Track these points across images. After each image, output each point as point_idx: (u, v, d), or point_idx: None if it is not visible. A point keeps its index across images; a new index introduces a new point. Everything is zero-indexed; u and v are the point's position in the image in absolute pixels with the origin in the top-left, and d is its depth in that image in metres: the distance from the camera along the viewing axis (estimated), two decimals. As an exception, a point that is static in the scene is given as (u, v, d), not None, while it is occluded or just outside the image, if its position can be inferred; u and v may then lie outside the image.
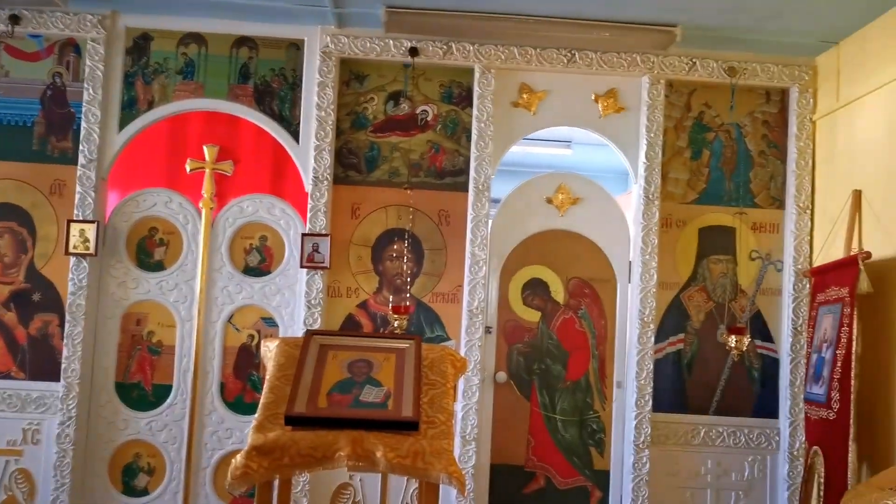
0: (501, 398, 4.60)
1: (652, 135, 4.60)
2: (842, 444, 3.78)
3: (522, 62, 4.59)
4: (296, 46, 4.60)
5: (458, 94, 4.66)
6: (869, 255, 3.89)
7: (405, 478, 4.23)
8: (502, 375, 4.60)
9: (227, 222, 4.60)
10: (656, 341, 4.58)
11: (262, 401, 2.72)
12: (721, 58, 4.62)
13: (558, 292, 4.69)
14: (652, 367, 4.54)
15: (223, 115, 4.66)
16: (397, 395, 2.75)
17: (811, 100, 4.64)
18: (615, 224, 4.73)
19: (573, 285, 4.70)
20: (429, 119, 4.65)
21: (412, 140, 4.64)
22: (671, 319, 4.65)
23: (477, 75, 4.59)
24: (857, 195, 4.19)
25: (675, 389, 4.62)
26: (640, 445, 4.48)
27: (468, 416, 4.46)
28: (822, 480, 3.94)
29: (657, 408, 4.55)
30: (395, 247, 4.59)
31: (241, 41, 4.59)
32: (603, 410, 4.64)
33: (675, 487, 4.54)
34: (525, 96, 4.64)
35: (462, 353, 4.45)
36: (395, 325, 4.32)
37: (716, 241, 4.69)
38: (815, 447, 4.09)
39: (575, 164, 6.79)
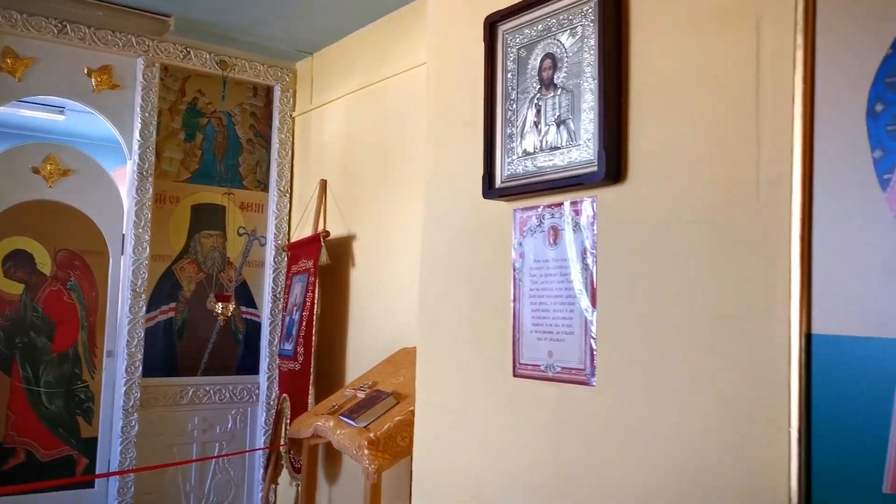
0: (-23, 375, 4.38)
1: (146, 114, 4.80)
2: (304, 389, 4.54)
3: (7, 26, 4.38)
4: None
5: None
6: (328, 233, 4.71)
7: None
8: (-24, 351, 4.38)
9: None
10: (148, 311, 4.83)
11: None
12: (214, 51, 5.04)
13: (45, 264, 4.61)
14: (143, 335, 4.77)
15: None
16: None
17: (291, 99, 5.36)
18: (108, 197, 4.81)
19: (62, 257, 4.67)
20: None
21: None
22: (163, 290, 4.94)
23: (-46, 32, 4.26)
24: (324, 184, 5.00)
25: (166, 355, 4.93)
26: (129, 410, 4.69)
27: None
28: (288, 421, 4.67)
29: (148, 373, 4.79)
30: None
31: None
32: (92, 380, 4.73)
33: (164, 445, 4.85)
34: (9, 61, 4.44)
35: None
36: None
37: (207, 218, 5.12)
38: (284, 394, 4.80)
39: (68, 129, 6.59)
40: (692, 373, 1.56)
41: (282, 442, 4.66)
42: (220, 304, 4.99)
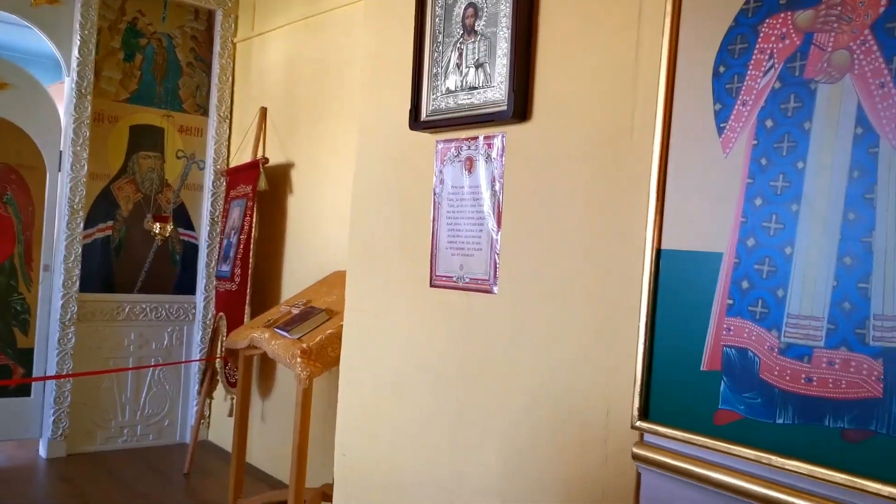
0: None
1: (86, 32, 4.83)
2: (240, 308, 4.78)
3: (-56, -66, 4.36)
4: None
5: None
6: (267, 160, 4.90)
7: None
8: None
9: None
10: (85, 227, 4.95)
11: None
12: (156, -28, 5.07)
13: (-18, 177, 4.68)
14: (80, 251, 4.91)
15: None
16: None
17: (233, 24, 5.44)
18: (46, 114, 4.87)
19: (-1, 171, 4.74)
20: None
21: None
22: (100, 207, 5.06)
23: None
24: (264, 111, 5.16)
25: (102, 271, 5.08)
26: (66, 323, 4.86)
27: None
28: (224, 338, 4.91)
29: (85, 288, 4.96)
30: None
31: None
32: (28, 293, 4.87)
33: (100, 359, 5.05)
34: (-54, -29, 4.43)
35: None
36: None
37: (146, 139, 5.23)
38: (220, 313, 5.04)
39: (2, 42, 6.50)
40: (573, 280, 1.89)
41: (218, 356, 4.91)
42: (157, 224, 5.15)
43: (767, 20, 1.45)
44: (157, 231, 5.13)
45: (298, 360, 3.34)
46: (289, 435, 3.75)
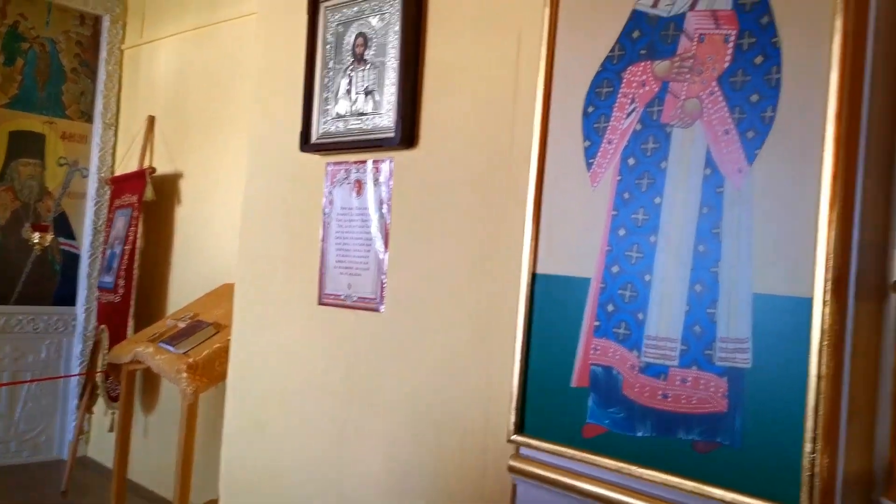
0: None
1: (-38, 33, 4.62)
2: (123, 321, 4.65)
3: None
4: None
5: None
6: (154, 170, 4.79)
7: None
8: None
9: None
10: (-41, 236, 4.70)
11: None
12: (39, -27, 4.89)
13: None
14: (-49, 260, 4.66)
15: None
16: None
17: (121, 31, 5.30)
18: (-84, 116, 4.61)
19: None
20: None
21: None
22: (-26, 215, 4.82)
23: None
24: (152, 120, 5.04)
25: (-25, 282, 4.84)
26: (-66, 336, 4.59)
27: None
28: (106, 352, 4.76)
29: (-45, 300, 4.70)
30: None
31: None
32: None
33: (-27, 373, 4.80)
34: None
35: None
36: None
37: (26, 146, 5.01)
38: (102, 326, 4.88)
39: None
40: (456, 300, 1.98)
41: (99, 370, 4.75)
42: (36, 233, 4.95)
43: (630, 67, 1.59)
44: (35, 240, 4.93)
45: (184, 375, 3.30)
46: (172, 450, 3.68)
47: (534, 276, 1.72)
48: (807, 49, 1.35)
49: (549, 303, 1.69)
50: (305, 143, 2.28)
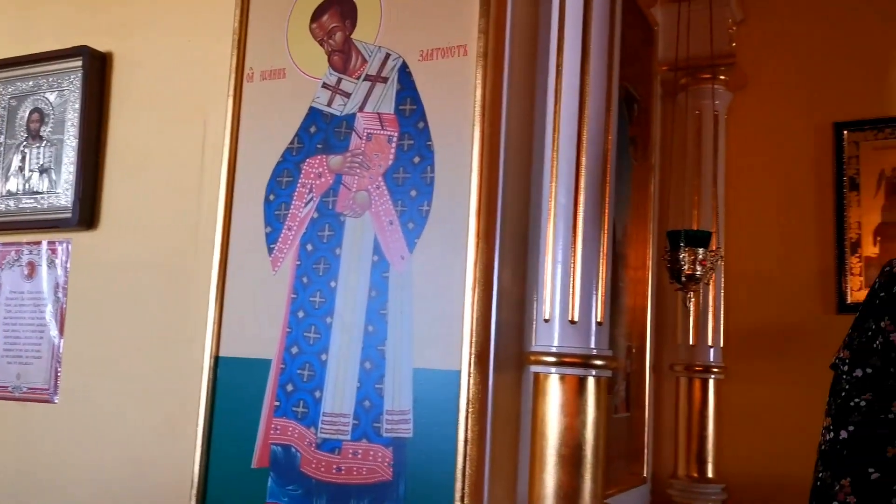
0: None
1: None
2: None
3: None
4: None
5: None
6: None
7: None
8: None
9: None
10: None
11: None
12: None
13: None
14: None
15: None
16: None
17: None
18: None
19: None
20: None
21: None
22: None
23: None
24: None
25: None
26: None
27: None
28: None
29: None
30: None
31: None
32: None
33: None
34: None
35: None
36: None
37: None
38: None
39: None
40: (139, 386, 1.92)
41: None
42: None
43: (308, 160, 1.71)
44: None
45: None
46: None
47: (216, 360, 1.73)
48: (454, 152, 1.56)
49: (232, 386, 1.71)
50: (-32, 222, 2.09)
